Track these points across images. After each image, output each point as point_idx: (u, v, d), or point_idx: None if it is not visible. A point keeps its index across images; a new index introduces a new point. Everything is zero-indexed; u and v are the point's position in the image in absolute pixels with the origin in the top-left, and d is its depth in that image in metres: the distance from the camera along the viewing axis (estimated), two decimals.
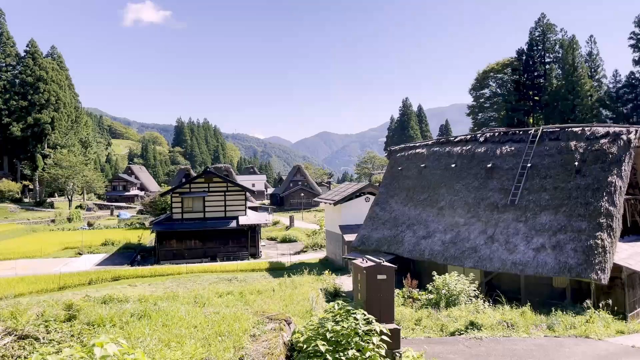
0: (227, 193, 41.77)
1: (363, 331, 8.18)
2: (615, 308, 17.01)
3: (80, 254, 42.91)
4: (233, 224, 40.49)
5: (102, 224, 70.30)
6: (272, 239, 54.38)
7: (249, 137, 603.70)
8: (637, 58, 74.13)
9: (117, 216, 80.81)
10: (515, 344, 12.45)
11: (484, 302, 16.67)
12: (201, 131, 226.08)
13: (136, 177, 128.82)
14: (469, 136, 25.63)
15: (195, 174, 60.98)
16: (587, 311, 15.96)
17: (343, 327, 8.17)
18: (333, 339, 8.05)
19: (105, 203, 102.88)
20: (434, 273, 18.68)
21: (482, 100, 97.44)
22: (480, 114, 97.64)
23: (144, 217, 73.86)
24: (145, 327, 8.39)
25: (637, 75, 74.94)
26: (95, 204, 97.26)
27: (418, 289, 19.04)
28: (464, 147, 24.49)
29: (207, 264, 37.08)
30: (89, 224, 68.29)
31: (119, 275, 31.49)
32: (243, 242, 41.40)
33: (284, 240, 51.74)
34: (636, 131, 19.36)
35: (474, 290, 17.47)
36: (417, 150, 26.82)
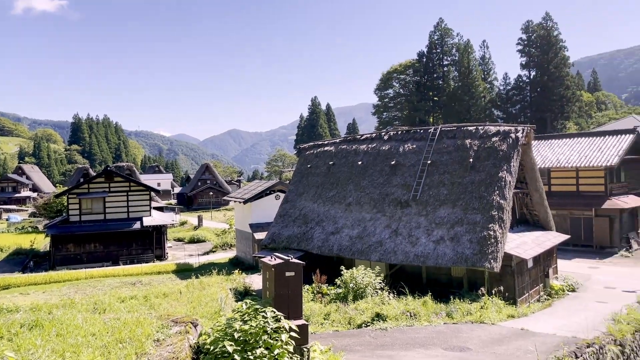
0: (129, 193, 39.85)
1: (272, 329, 8.18)
2: (507, 294, 18.42)
3: None
4: (137, 225, 38.74)
5: None
6: (179, 239, 52.75)
7: (153, 135, 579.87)
8: (524, 62, 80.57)
9: (7, 220, 74.12)
10: (418, 332, 13.08)
11: (389, 294, 17.34)
12: (101, 128, 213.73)
13: (28, 178, 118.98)
14: (374, 134, 26.47)
15: (94, 174, 57.52)
16: (482, 298, 17.16)
17: (251, 326, 8.11)
18: (241, 338, 7.97)
19: None
20: (342, 268, 19.14)
21: (386, 100, 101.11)
22: (385, 113, 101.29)
23: (37, 220, 68.39)
24: (37, 338, 7.79)
25: (524, 78, 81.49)
26: None
27: (327, 284, 19.39)
28: (370, 145, 25.26)
29: (108, 268, 35.15)
30: None
31: (8, 283, 28.97)
32: (148, 244, 39.74)
33: (192, 241, 50.39)
34: (523, 130, 21.06)
35: (380, 283, 18.11)
36: (326, 148, 27.26)
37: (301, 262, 9.63)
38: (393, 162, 23.41)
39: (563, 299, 20.58)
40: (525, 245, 20.28)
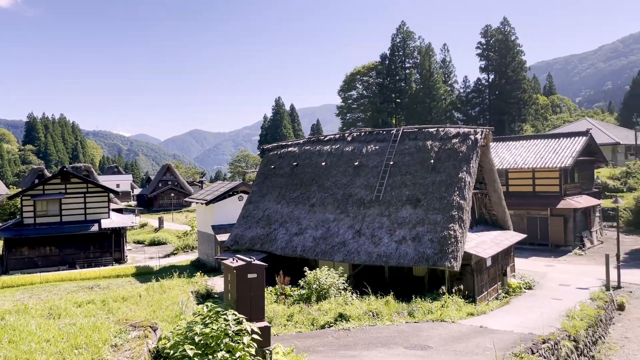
0: (87, 194, 38.72)
1: (233, 331, 8.09)
2: (466, 292, 18.82)
3: None
4: (94, 227, 37.67)
5: None
6: (139, 242, 51.63)
7: (112, 135, 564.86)
8: (483, 66, 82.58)
9: None
10: (380, 331, 13.19)
11: (352, 294, 17.45)
12: (57, 128, 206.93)
13: None
14: (338, 135, 26.61)
15: (50, 175, 55.62)
16: (443, 297, 17.46)
17: (213, 329, 8.00)
18: (202, 342, 7.85)
19: None
20: (306, 269, 19.13)
21: (350, 101, 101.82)
22: (348, 115, 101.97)
23: None
24: None
25: (483, 81, 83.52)
26: None
27: (291, 285, 19.34)
28: (334, 146, 25.36)
29: (65, 272, 34.05)
30: None
31: None
32: (106, 246, 38.70)
33: (153, 243, 49.41)
34: (482, 132, 21.57)
35: (343, 283, 18.20)
36: (290, 149, 27.21)
37: (264, 263, 9.56)
38: (356, 163, 23.57)
39: (520, 297, 21.16)
40: (484, 244, 20.76)
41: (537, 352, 12.00)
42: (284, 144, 28.72)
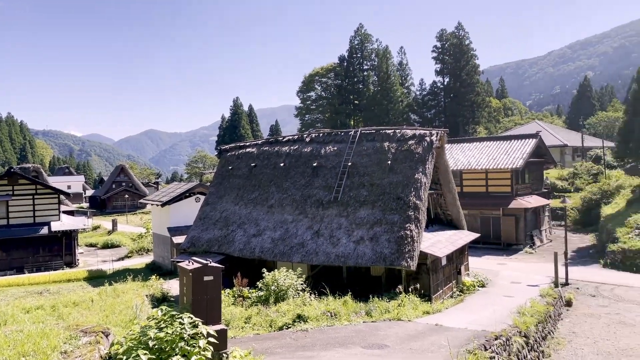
0: (36, 196, 37.26)
1: (189, 335, 7.96)
2: (422, 291, 19.16)
3: None
4: (44, 230, 36.29)
5: None
6: (92, 245, 50.14)
7: (63, 134, 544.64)
8: (438, 69, 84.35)
9: None
10: (338, 332, 13.27)
11: (310, 295, 17.47)
12: (4, 127, 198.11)
13: None
14: (296, 136, 26.60)
15: None
16: (400, 296, 17.72)
17: (167, 333, 7.85)
18: (156, 346, 7.68)
19: None
20: (264, 270, 19.03)
21: (308, 102, 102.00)
22: (307, 115, 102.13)
23: None
24: None
25: (438, 84, 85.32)
26: None
27: (249, 287, 19.20)
28: (292, 147, 25.34)
29: (12, 277, 32.63)
30: None
31: None
32: (56, 250, 37.35)
33: (106, 246, 48.08)
34: (437, 134, 22.03)
35: (302, 284, 18.20)
36: (248, 150, 27.01)
37: (220, 265, 9.46)
38: (315, 164, 23.62)
39: (474, 294, 21.73)
40: (439, 243, 21.20)
41: (490, 348, 12.34)
42: (242, 144, 28.49)
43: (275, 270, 18.76)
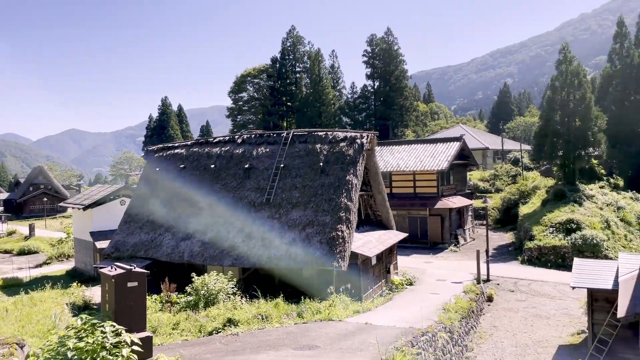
0: None
1: (111, 344, 7.62)
2: (353, 291, 19.43)
3: None
4: None
5: None
6: (6, 251, 46.94)
7: None
8: (369, 73, 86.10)
9: None
10: (269, 334, 13.18)
11: (241, 299, 17.25)
12: None
13: None
14: (227, 137, 26.21)
15: None
16: (331, 296, 17.88)
17: (88, 342, 7.47)
18: (76, 357, 7.29)
19: None
20: (194, 274, 18.57)
21: (240, 103, 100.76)
22: (239, 116, 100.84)
23: None
24: None
25: (369, 88, 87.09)
26: None
27: (177, 293, 18.66)
28: (223, 148, 24.95)
29: None
30: None
31: None
32: None
33: (22, 252, 45.15)
34: (367, 136, 22.48)
35: (233, 288, 17.94)
36: (177, 151, 26.31)
37: (145, 271, 9.13)
38: (247, 166, 23.39)
39: (402, 293, 22.35)
40: (369, 244, 21.63)
41: (417, 344, 12.72)
42: (170, 145, 27.72)
43: (205, 274, 18.36)
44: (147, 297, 17.66)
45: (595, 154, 41.41)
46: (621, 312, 13.24)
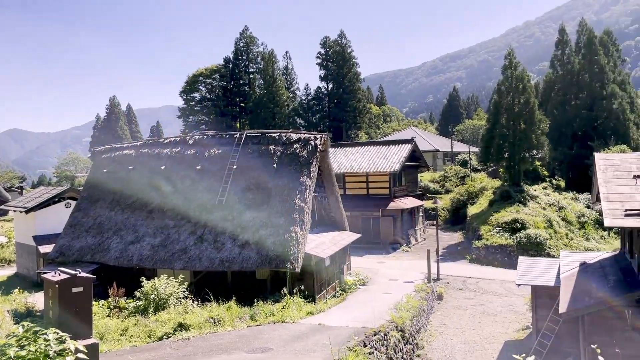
0: None
1: (55, 352, 7.31)
2: (307, 292, 19.49)
3: None
4: None
5: None
6: None
7: None
8: (323, 75, 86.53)
9: None
10: (221, 338, 13.02)
11: (193, 302, 16.96)
12: None
13: None
14: (178, 138, 25.72)
15: None
16: (284, 298, 17.85)
17: (30, 351, 7.14)
18: None
19: None
20: (143, 279, 18.11)
21: (192, 103, 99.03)
22: (191, 117, 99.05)
23: None
24: None
25: (323, 90, 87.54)
26: None
27: (126, 297, 18.16)
28: (174, 149, 24.47)
29: None
30: None
31: None
32: None
33: None
34: (321, 138, 22.60)
35: (184, 292, 17.62)
36: (125, 152, 25.61)
37: (91, 276, 8.83)
38: (198, 167, 23.03)
39: (355, 293, 22.57)
40: (323, 245, 21.73)
41: (369, 344, 12.89)
42: (119, 146, 26.96)
43: (156, 278, 17.94)
44: (94, 302, 17.14)
45: (539, 156, 43.24)
46: (562, 308, 13.84)
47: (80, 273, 8.60)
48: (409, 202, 38.60)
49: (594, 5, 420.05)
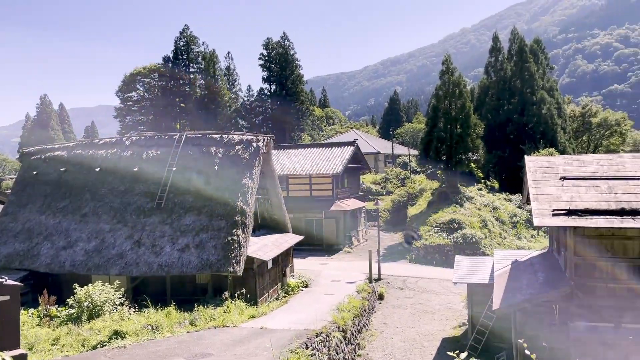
0: None
1: None
2: (249, 295, 19.33)
3: None
4: None
5: None
6: None
7: None
8: (265, 76, 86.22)
9: None
10: (159, 345, 12.67)
11: (129, 309, 16.41)
12: None
13: None
14: (114, 139, 24.85)
15: None
16: (226, 302, 17.61)
17: None
18: None
19: None
20: (76, 285, 17.32)
21: (130, 103, 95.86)
22: (129, 117, 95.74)
23: None
24: None
25: (266, 91, 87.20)
26: None
27: (58, 305, 17.30)
28: (110, 151, 23.61)
29: None
30: None
31: None
32: None
33: None
34: (264, 139, 22.48)
35: (120, 298, 17.01)
36: (57, 153, 24.45)
37: (19, 283, 8.37)
38: (136, 169, 22.32)
39: (298, 295, 22.60)
40: (266, 247, 21.62)
41: (311, 346, 12.94)
42: (50, 147, 25.70)
43: (90, 284, 17.21)
44: (23, 311, 16.23)
45: (475, 158, 45.01)
46: (496, 304, 14.44)
47: (6, 280, 8.13)
48: (352, 204, 39.10)
49: (525, 15, 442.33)
